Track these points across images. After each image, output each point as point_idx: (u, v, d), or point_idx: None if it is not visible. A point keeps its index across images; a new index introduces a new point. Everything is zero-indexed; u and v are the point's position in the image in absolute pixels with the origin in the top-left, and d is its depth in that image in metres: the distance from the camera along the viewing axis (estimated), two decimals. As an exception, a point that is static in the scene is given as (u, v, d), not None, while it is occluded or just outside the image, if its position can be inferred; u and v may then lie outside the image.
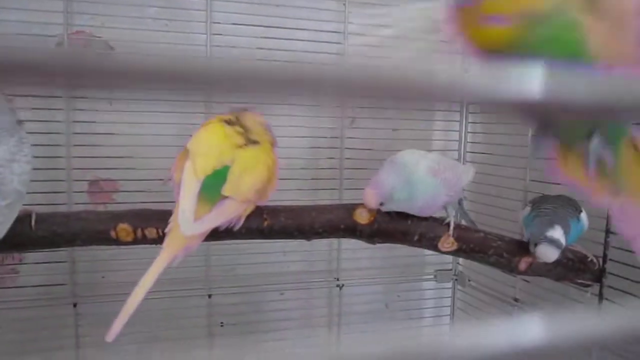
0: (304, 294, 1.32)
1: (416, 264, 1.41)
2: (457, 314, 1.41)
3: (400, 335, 0.25)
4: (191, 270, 1.21)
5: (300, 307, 1.33)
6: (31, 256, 1.14)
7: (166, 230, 0.77)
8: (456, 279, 1.39)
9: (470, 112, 1.35)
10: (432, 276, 1.40)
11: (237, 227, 0.80)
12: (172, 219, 0.77)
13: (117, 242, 0.81)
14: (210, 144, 0.79)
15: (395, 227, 0.87)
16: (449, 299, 1.42)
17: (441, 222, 0.88)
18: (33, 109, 1.11)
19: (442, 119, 1.40)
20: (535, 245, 0.81)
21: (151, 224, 0.81)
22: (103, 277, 1.18)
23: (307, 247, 1.31)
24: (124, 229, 0.80)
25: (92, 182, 1.17)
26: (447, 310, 1.42)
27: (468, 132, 1.35)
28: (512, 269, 0.92)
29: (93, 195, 1.18)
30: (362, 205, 0.87)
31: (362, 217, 0.86)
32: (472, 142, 1.36)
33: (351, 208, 0.87)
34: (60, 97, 1.10)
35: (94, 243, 0.81)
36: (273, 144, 0.85)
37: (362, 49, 1.27)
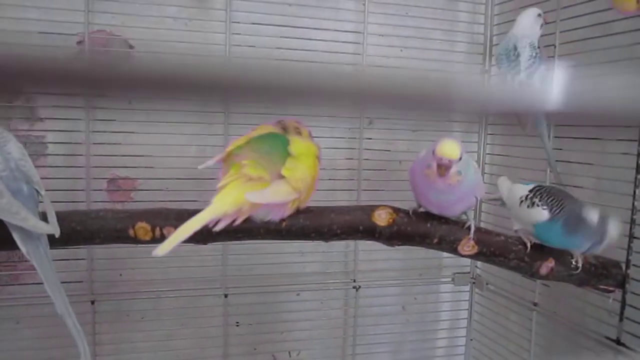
0: (321, 295, 1.32)
1: (433, 267, 1.39)
2: (475, 318, 1.39)
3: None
4: (208, 270, 1.21)
5: (316, 308, 1.32)
6: (50, 253, 1.15)
7: (218, 185, 0.77)
8: (474, 283, 1.37)
9: (489, 124, 1.33)
10: (449, 279, 1.39)
11: (284, 215, 0.81)
12: (228, 178, 0.77)
13: (136, 240, 0.81)
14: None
15: (414, 229, 0.86)
16: (467, 302, 1.40)
17: (462, 226, 0.87)
18: (53, 107, 1.12)
19: (461, 125, 1.38)
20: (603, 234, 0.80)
21: (169, 223, 0.81)
22: (120, 275, 1.19)
23: (324, 248, 1.30)
24: (142, 228, 0.80)
25: (111, 181, 1.18)
26: (464, 314, 1.41)
27: (487, 143, 1.34)
28: (532, 274, 0.90)
29: (112, 193, 1.18)
30: (381, 206, 0.87)
31: (381, 219, 0.85)
32: (490, 154, 1.34)
33: (370, 210, 0.86)
34: (82, 95, 1.11)
35: (112, 241, 0.81)
36: (318, 154, 0.85)
37: (381, 49, 1.26)
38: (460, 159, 0.79)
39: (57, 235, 0.76)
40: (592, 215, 0.81)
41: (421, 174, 0.82)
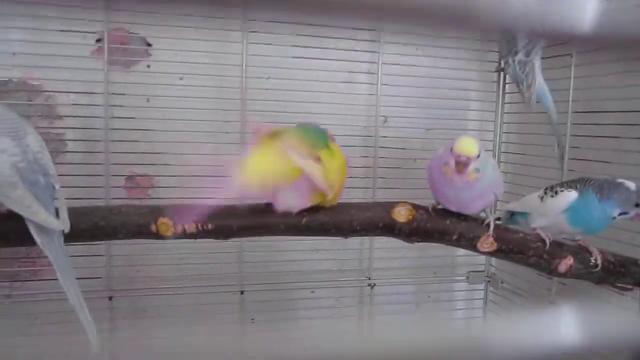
0: (335, 292, 1.32)
1: (448, 265, 1.39)
2: (489, 317, 1.39)
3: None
4: (224, 267, 1.22)
5: (330, 305, 1.33)
6: (68, 249, 1.16)
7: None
8: (489, 281, 1.37)
9: (505, 112, 1.33)
10: (463, 277, 1.39)
11: (305, 205, 0.82)
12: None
13: (157, 236, 0.81)
14: None
15: (434, 226, 0.86)
16: (481, 300, 1.40)
17: (481, 222, 0.87)
18: (73, 104, 1.13)
19: (476, 123, 1.38)
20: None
21: (190, 218, 0.81)
22: (138, 271, 1.20)
23: (339, 245, 1.30)
24: (164, 223, 0.81)
25: (129, 178, 1.19)
26: (479, 312, 1.40)
27: (502, 142, 1.34)
28: (551, 271, 0.90)
29: (130, 190, 1.19)
30: (400, 203, 0.87)
31: (400, 216, 0.85)
32: (505, 152, 1.34)
33: (389, 206, 0.86)
34: (101, 93, 1.12)
35: (134, 237, 0.82)
36: (346, 163, 0.86)
37: (399, 47, 1.26)
38: (479, 156, 0.79)
39: (66, 231, 0.76)
40: (629, 183, 0.83)
41: (439, 171, 0.82)
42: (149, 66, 1.17)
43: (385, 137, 1.28)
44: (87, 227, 0.79)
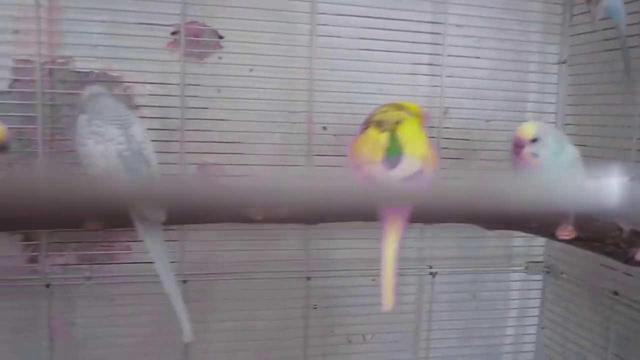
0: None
1: (505, 255, 1.41)
2: (547, 307, 1.40)
3: None
4: (291, 253, 1.25)
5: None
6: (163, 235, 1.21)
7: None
8: (547, 271, 1.38)
9: (568, 105, 1.34)
10: (521, 267, 1.41)
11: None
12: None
13: (249, 219, 0.85)
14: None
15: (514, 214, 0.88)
16: (539, 291, 1.41)
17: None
18: (149, 95, 1.17)
19: (535, 115, 1.39)
20: None
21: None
22: (208, 257, 1.23)
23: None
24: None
25: (200, 166, 1.23)
26: (536, 303, 1.42)
27: (564, 124, 1.34)
28: (627, 260, 0.92)
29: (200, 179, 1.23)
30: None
31: (482, 203, 0.87)
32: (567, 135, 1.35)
33: (471, 194, 0.88)
34: (175, 84, 1.15)
35: (228, 220, 0.85)
36: None
37: (461, 40, 1.28)
38: (535, 141, 0.82)
39: (163, 221, 0.79)
40: None
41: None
42: (220, 58, 1.21)
43: (447, 128, 1.30)
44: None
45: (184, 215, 0.83)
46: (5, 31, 1.10)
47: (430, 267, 1.32)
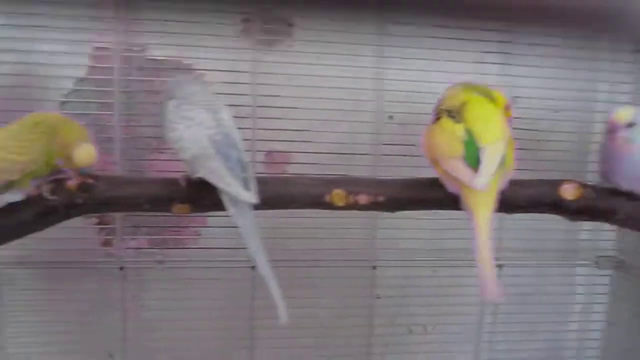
0: (457, 271, 1.33)
1: (572, 249, 1.38)
2: (616, 304, 1.37)
3: None
4: (358, 242, 1.26)
5: (453, 284, 1.34)
6: (213, 220, 1.23)
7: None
8: (618, 267, 1.35)
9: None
10: (589, 262, 1.37)
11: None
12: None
13: (331, 206, 0.85)
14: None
15: (601, 204, 0.86)
16: (606, 286, 1.38)
17: (651, 202, 0.86)
18: (224, 82, 1.18)
19: (607, 101, 1.35)
20: None
21: (362, 190, 0.85)
22: (276, 243, 1.24)
23: (464, 225, 1.31)
24: (338, 194, 0.84)
25: (268, 154, 1.23)
26: (603, 299, 1.38)
27: None
28: None
29: (268, 166, 1.24)
30: (566, 181, 0.87)
31: (568, 193, 0.86)
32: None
33: (556, 183, 0.87)
34: (245, 72, 1.16)
35: (308, 206, 0.86)
36: None
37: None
38: (631, 125, 0.80)
39: (255, 202, 0.80)
40: None
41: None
42: (290, 46, 1.21)
43: (515, 117, 1.27)
44: (269, 195, 0.84)
45: (272, 199, 0.84)
46: (84, 19, 1.12)
47: (497, 259, 1.30)
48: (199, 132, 0.78)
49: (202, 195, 0.82)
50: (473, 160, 0.78)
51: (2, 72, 1.12)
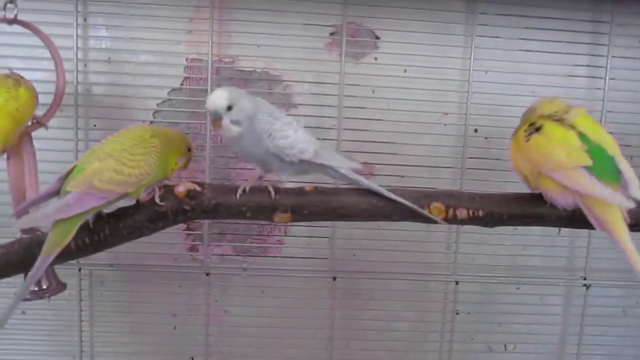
0: (541, 289, 1.30)
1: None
2: None
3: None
4: (435, 256, 1.24)
5: (535, 302, 1.30)
6: (295, 229, 1.24)
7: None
8: None
9: None
10: (683, 284, 1.31)
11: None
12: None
13: (429, 220, 0.84)
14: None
15: None
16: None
17: None
18: (307, 94, 1.20)
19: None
20: None
21: (462, 204, 0.84)
22: (354, 255, 1.25)
23: (548, 242, 1.28)
24: (437, 207, 0.84)
25: (352, 165, 1.24)
26: (696, 323, 1.32)
27: None
28: None
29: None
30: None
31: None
32: None
33: None
34: (333, 83, 1.18)
35: (407, 219, 0.85)
36: None
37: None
38: None
39: None
40: None
41: None
42: (376, 58, 1.22)
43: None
44: (367, 207, 0.84)
45: (369, 212, 0.84)
46: (180, 32, 1.17)
47: (584, 279, 1.26)
48: (304, 132, 0.81)
49: (303, 205, 0.83)
50: (602, 171, 0.76)
51: (101, 81, 1.17)
